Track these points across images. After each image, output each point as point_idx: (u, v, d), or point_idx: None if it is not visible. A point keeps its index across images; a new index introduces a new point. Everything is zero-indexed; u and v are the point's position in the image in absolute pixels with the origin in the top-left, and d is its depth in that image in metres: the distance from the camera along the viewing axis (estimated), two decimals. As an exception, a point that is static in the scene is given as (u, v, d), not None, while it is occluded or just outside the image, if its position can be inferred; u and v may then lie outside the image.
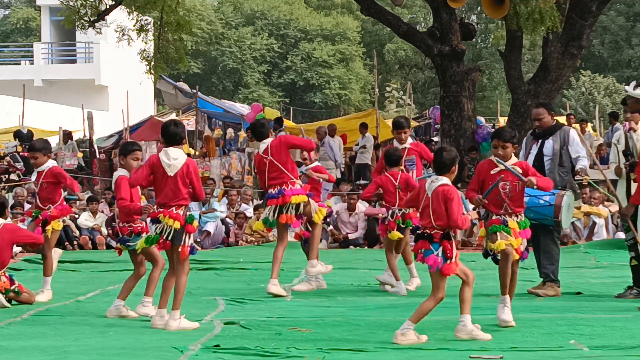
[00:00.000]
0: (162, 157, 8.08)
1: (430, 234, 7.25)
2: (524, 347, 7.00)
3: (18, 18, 54.16)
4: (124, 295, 8.77)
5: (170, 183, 8.03)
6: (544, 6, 18.00)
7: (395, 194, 10.37)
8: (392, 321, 8.27)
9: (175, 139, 8.12)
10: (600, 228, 17.44)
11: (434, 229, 7.25)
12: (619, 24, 52.19)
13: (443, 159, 7.37)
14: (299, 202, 10.16)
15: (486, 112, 44.27)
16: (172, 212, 8.00)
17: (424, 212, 7.35)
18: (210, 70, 53.20)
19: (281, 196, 10.13)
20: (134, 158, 8.72)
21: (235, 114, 30.29)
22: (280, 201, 10.12)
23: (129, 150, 8.76)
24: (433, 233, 7.24)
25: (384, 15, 21.51)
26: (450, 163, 7.36)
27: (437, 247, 7.21)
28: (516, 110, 20.23)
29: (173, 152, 8.04)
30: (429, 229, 7.27)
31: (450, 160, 7.37)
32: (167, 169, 7.99)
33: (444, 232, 7.23)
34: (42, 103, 34.77)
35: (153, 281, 8.73)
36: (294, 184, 10.20)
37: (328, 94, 52.24)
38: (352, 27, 54.71)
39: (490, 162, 8.09)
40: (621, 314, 8.62)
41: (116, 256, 13.65)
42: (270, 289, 10.18)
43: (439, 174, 7.38)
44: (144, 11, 21.63)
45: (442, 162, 7.37)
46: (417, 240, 7.37)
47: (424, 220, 7.35)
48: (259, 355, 6.68)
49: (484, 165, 8.22)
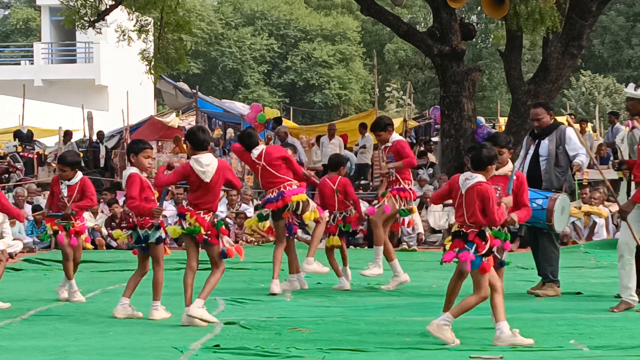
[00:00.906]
0: (194, 166, 8.21)
1: (465, 233, 7.19)
2: (524, 347, 6.99)
3: (18, 18, 54.17)
4: (129, 294, 8.77)
5: (205, 188, 8.23)
6: (544, 6, 17.98)
7: (333, 197, 10.75)
8: (392, 321, 8.29)
9: (203, 145, 8.29)
10: (600, 228, 17.44)
11: (469, 227, 7.17)
12: (619, 24, 52.20)
13: (482, 155, 7.27)
14: (299, 200, 10.26)
15: (486, 112, 44.27)
16: (199, 215, 8.18)
17: (459, 210, 7.26)
18: (210, 70, 53.21)
19: (281, 198, 10.23)
20: (146, 156, 8.75)
21: (235, 114, 30.28)
22: (280, 204, 10.24)
23: (139, 149, 8.76)
24: (468, 232, 7.17)
25: (384, 15, 21.50)
26: (487, 161, 7.25)
27: (472, 246, 7.14)
28: (516, 110, 20.22)
29: (204, 159, 8.19)
30: (464, 228, 7.20)
31: (489, 158, 7.26)
32: (202, 176, 8.16)
33: (478, 230, 7.15)
34: (42, 103, 34.78)
35: (159, 284, 8.75)
36: (291, 185, 10.30)
37: (328, 94, 52.25)
38: (352, 27, 54.72)
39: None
40: (621, 314, 8.62)
41: (116, 256, 13.68)
42: (273, 289, 10.26)
43: (474, 171, 7.28)
44: (144, 11, 21.63)
45: (479, 158, 7.27)
46: (454, 238, 7.27)
47: (459, 217, 7.26)
48: (259, 355, 6.68)
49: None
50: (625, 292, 8.93)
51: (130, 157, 8.77)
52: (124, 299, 8.74)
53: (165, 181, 8.45)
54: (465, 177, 7.28)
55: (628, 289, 8.93)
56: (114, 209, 17.84)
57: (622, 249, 8.99)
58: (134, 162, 8.73)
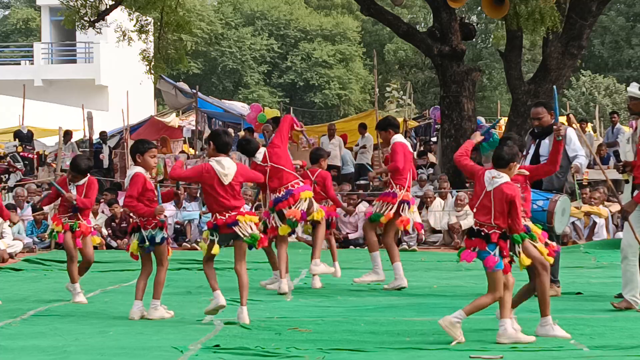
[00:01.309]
0: (217, 167, 8.33)
1: (487, 234, 7.08)
2: (524, 347, 7.00)
3: (18, 18, 54.16)
4: (141, 295, 8.77)
5: (224, 191, 8.34)
6: (544, 6, 17.98)
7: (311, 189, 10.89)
8: (392, 321, 8.28)
9: (226, 148, 8.44)
10: (600, 228, 17.44)
11: (492, 228, 7.08)
12: (619, 24, 52.17)
13: (502, 152, 7.18)
14: (307, 197, 10.41)
15: (486, 112, 44.26)
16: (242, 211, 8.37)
17: (482, 208, 7.13)
18: (210, 70, 53.20)
19: (290, 196, 10.32)
20: (152, 155, 8.81)
21: (235, 114, 30.28)
22: (291, 201, 10.33)
23: (146, 148, 8.82)
24: (491, 233, 7.07)
25: (384, 15, 21.50)
26: (509, 158, 7.16)
27: (494, 248, 7.05)
28: (516, 110, 20.22)
29: (226, 162, 8.35)
30: (486, 228, 7.11)
31: (510, 155, 7.17)
32: (224, 178, 8.30)
33: (501, 232, 7.08)
34: (42, 103, 34.77)
35: (161, 283, 8.79)
36: (298, 183, 10.43)
37: (328, 94, 52.24)
38: (352, 27, 54.71)
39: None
40: (621, 314, 8.63)
41: (116, 256, 13.68)
42: (283, 288, 10.33)
43: (496, 168, 7.19)
44: (144, 11, 21.62)
45: (499, 155, 7.18)
46: (473, 237, 7.16)
47: (481, 216, 7.13)
48: (259, 355, 6.68)
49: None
50: (629, 293, 8.93)
51: (136, 157, 8.80)
52: (138, 302, 8.73)
53: (180, 174, 8.55)
54: (492, 175, 7.17)
55: (631, 290, 8.92)
56: (114, 209, 17.84)
57: (625, 250, 8.98)
58: (140, 161, 8.77)
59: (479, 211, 7.16)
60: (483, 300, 7.18)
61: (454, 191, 18.23)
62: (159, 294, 8.74)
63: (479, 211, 7.17)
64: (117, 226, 17.75)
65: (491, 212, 7.08)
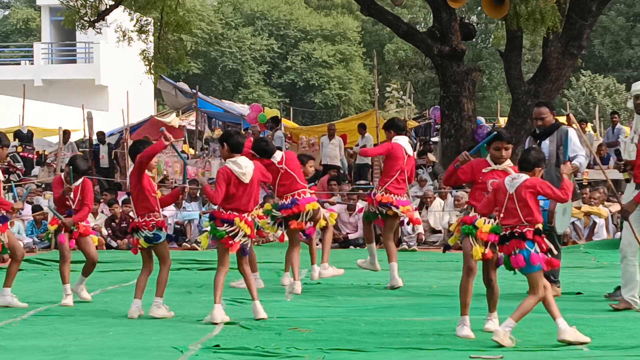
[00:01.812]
0: (233, 168, 8.43)
1: (522, 233, 7.12)
2: (524, 347, 7.00)
3: (18, 18, 54.15)
4: (140, 295, 8.80)
5: (243, 190, 8.46)
6: (544, 6, 17.99)
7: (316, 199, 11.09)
8: (392, 321, 8.28)
9: (239, 148, 8.54)
10: (600, 228, 17.43)
11: (524, 227, 7.13)
12: (619, 24, 52.16)
13: (530, 156, 7.31)
14: (312, 209, 10.46)
15: (486, 112, 44.25)
16: (247, 219, 8.47)
17: (508, 213, 7.19)
18: (210, 70, 53.20)
19: (295, 206, 10.39)
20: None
21: (235, 114, 30.31)
22: (296, 210, 10.39)
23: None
24: (525, 231, 7.11)
25: (384, 15, 21.50)
26: (535, 162, 7.27)
27: (532, 245, 7.11)
28: (516, 110, 20.22)
29: (242, 161, 8.48)
30: (519, 228, 7.15)
31: (536, 160, 7.29)
32: (243, 177, 8.42)
33: (535, 228, 7.13)
34: (42, 103, 34.76)
35: (163, 282, 8.84)
36: (305, 193, 10.52)
37: (328, 94, 52.24)
38: (352, 27, 54.71)
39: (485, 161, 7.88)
40: (621, 314, 8.63)
41: (116, 256, 13.65)
42: (296, 290, 10.42)
43: (521, 171, 7.28)
44: (144, 11, 21.63)
45: (527, 158, 7.30)
46: (505, 241, 7.21)
47: (510, 219, 7.18)
48: (259, 355, 6.68)
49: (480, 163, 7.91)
50: (628, 293, 8.92)
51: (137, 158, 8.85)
52: (137, 302, 8.76)
53: (221, 196, 8.49)
54: (512, 177, 7.29)
55: (630, 290, 8.92)
56: (114, 209, 17.85)
57: (625, 250, 8.98)
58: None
59: (506, 216, 7.22)
60: (528, 303, 7.18)
61: (453, 191, 18.23)
62: (162, 292, 8.78)
63: (505, 216, 7.22)
64: (117, 226, 17.75)
65: (518, 213, 7.15)
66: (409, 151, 10.89)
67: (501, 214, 7.25)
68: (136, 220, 8.81)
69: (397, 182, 10.74)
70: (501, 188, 7.28)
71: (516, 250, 7.13)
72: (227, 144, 8.52)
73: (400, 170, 10.74)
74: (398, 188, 10.75)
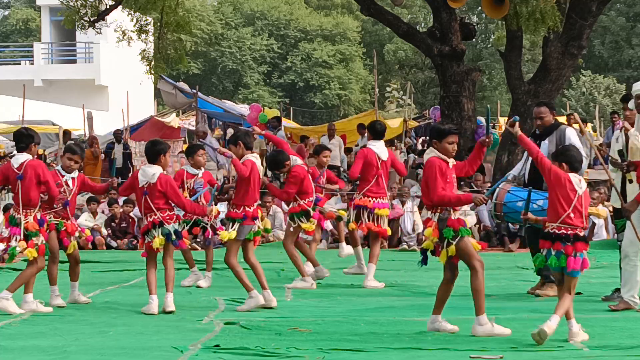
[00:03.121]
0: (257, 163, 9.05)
1: (584, 237, 7.32)
2: (524, 347, 7.00)
3: (18, 18, 54.15)
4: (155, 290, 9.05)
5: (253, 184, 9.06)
6: (544, 6, 17.98)
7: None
8: (392, 321, 8.28)
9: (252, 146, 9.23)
10: (600, 228, 17.43)
11: (582, 230, 7.30)
12: (619, 24, 52.17)
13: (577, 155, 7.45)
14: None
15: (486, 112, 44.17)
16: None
17: (577, 212, 7.28)
18: (210, 71, 53.20)
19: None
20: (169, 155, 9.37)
21: (235, 114, 30.30)
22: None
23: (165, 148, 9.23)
24: (584, 235, 7.31)
25: (384, 15, 21.49)
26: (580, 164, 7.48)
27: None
28: (516, 110, 20.17)
29: (255, 157, 9.09)
30: (579, 231, 7.28)
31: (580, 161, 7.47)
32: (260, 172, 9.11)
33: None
34: (42, 103, 34.76)
35: (173, 277, 9.08)
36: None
37: (328, 95, 52.24)
38: (352, 27, 54.71)
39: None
40: (621, 314, 8.63)
41: (116, 256, 13.63)
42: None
43: (573, 172, 7.38)
44: (144, 11, 21.62)
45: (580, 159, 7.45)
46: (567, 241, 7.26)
47: (577, 220, 7.29)
48: (259, 355, 6.68)
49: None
50: (627, 293, 8.92)
51: (159, 158, 9.08)
52: (154, 297, 8.94)
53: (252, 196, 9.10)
54: (579, 178, 7.37)
55: (630, 290, 8.92)
56: (114, 209, 17.85)
57: (626, 250, 8.98)
58: (162, 162, 9.08)
59: (576, 215, 7.30)
60: (567, 302, 7.23)
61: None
62: (172, 287, 9.00)
63: (576, 216, 7.30)
64: (117, 226, 17.76)
65: (582, 215, 7.30)
66: (382, 156, 11.11)
67: (571, 213, 7.28)
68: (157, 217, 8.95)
69: (376, 186, 11.04)
70: (571, 185, 7.28)
71: (578, 253, 7.23)
72: (243, 143, 9.04)
73: (377, 175, 11.05)
74: (376, 192, 11.06)
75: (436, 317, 7.62)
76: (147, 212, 9.03)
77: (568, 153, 7.46)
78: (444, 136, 7.50)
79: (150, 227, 9.01)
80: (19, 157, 9.07)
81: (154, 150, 9.12)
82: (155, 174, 8.95)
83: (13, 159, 9.15)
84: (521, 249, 16.13)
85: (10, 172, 9.03)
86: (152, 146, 9.21)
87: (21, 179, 8.92)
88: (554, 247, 7.28)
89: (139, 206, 9.21)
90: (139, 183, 9.05)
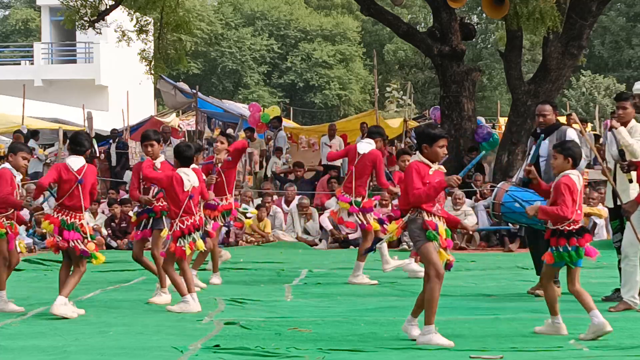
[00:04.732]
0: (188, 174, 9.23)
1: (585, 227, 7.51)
2: (524, 347, 7.00)
3: (18, 18, 54.15)
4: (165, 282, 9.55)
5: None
6: (544, 6, 17.98)
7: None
8: (392, 321, 8.27)
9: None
10: (600, 228, 17.41)
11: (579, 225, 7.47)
12: (619, 24, 52.17)
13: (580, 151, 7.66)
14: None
15: (486, 112, 44.23)
16: None
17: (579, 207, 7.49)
18: (210, 71, 53.20)
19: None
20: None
21: (235, 114, 30.30)
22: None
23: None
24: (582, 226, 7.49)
25: (384, 15, 21.49)
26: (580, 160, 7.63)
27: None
28: (516, 110, 20.20)
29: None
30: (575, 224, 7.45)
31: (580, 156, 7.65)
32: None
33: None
34: (42, 103, 34.75)
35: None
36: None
37: (328, 95, 52.24)
38: (352, 27, 54.71)
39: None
40: (621, 314, 8.62)
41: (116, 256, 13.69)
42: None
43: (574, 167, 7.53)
44: (144, 11, 21.62)
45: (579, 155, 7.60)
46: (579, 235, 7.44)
47: (580, 215, 7.50)
48: (259, 355, 6.68)
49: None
50: (627, 294, 8.92)
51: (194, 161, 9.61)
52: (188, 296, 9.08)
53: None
54: (577, 175, 7.52)
55: (630, 290, 8.91)
56: (113, 209, 17.85)
57: (626, 250, 8.98)
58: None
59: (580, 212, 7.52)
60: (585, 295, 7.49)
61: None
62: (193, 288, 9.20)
63: (580, 212, 7.51)
64: (117, 226, 17.75)
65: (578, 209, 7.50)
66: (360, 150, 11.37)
67: (578, 210, 7.45)
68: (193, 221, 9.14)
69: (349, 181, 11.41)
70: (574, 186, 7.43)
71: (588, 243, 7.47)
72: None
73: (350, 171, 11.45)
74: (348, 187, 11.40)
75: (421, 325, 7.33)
76: (184, 215, 9.09)
77: (574, 149, 7.56)
78: (435, 140, 7.36)
79: (192, 230, 9.09)
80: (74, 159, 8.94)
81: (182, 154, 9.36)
82: (195, 177, 9.28)
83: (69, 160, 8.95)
84: (521, 249, 16.12)
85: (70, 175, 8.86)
86: (180, 150, 9.39)
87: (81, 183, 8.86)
88: (570, 243, 7.44)
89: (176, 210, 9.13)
90: (183, 187, 9.11)
